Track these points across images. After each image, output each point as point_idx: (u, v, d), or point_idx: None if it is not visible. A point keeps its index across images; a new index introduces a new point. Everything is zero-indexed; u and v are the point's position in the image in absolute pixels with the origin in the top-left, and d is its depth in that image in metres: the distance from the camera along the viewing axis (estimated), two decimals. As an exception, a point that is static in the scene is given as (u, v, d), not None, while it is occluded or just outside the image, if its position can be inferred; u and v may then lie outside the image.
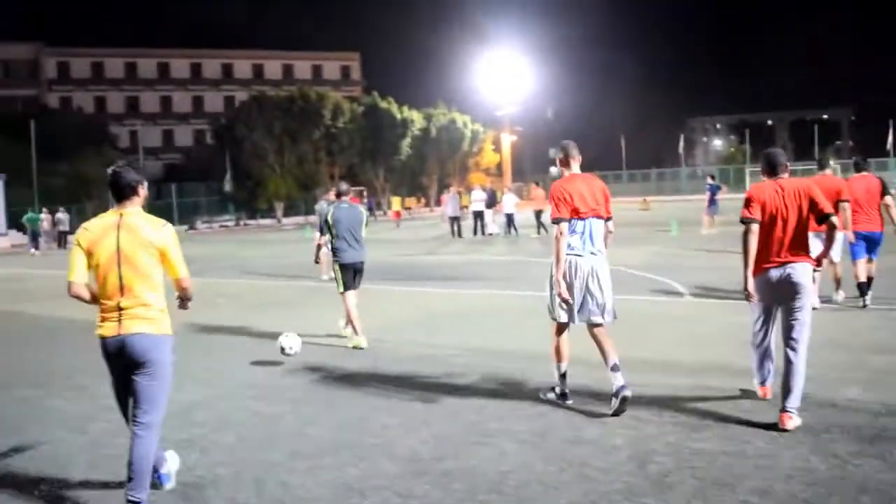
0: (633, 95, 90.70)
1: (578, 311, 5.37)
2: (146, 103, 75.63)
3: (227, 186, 52.71)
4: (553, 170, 72.90)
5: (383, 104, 59.57)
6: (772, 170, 5.19)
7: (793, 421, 4.81)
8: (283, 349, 7.23)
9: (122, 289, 3.93)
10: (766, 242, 5.02)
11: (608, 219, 5.54)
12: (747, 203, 5.10)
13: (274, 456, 4.81)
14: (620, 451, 4.56)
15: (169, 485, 4.32)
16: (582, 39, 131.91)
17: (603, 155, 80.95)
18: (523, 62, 52.49)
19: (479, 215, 26.45)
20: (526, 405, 5.60)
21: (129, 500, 3.85)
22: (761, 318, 5.26)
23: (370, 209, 51.98)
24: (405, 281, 13.97)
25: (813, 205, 4.98)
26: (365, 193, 57.67)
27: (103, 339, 4.02)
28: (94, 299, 4.08)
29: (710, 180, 24.57)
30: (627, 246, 18.58)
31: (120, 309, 3.94)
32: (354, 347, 8.00)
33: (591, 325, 5.41)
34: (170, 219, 4.04)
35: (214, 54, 78.04)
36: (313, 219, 16.11)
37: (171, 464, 4.39)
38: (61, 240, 33.36)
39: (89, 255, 3.96)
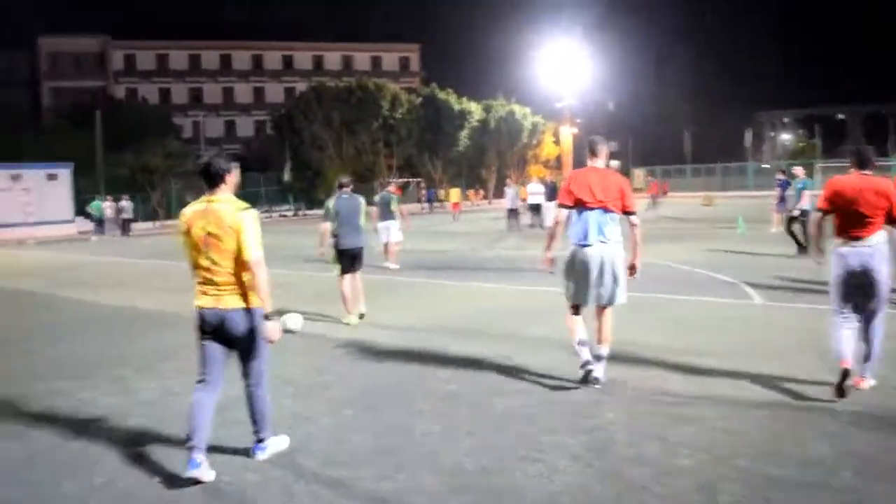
0: (699, 87, 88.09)
1: (585, 295, 5.80)
2: (209, 94, 76.85)
3: (287, 176, 53.11)
4: (613, 163, 71.64)
5: (441, 95, 59.24)
6: (860, 164, 5.57)
7: (866, 382, 5.44)
8: (284, 326, 7.70)
9: (214, 266, 4.35)
10: (842, 227, 5.44)
11: (628, 213, 5.87)
12: (823, 193, 5.62)
13: (307, 462, 4.50)
14: (686, 475, 4.08)
15: (261, 455, 4.58)
16: (645, 29, 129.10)
17: (665, 148, 79.11)
18: (584, 53, 51.38)
19: (536, 208, 25.88)
20: (581, 416, 5.16)
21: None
22: (840, 301, 5.47)
23: (429, 200, 51.83)
24: (459, 275, 13.60)
25: (887, 205, 5.33)
26: (422, 184, 57.55)
27: (201, 309, 4.40)
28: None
29: (780, 176, 23.47)
30: (691, 243, 17.88)
31: (216, 285, 4.36)
32: (346, 324, 8.80)
33: (599, 310, 5.88)
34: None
35: (275, 46, 78.75)
36: (372, 209, 15.95)
37: (277, 444, 4.66)
38: (125, 227, 33.99)
39: (188, 237, 4.42)
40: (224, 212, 4.34)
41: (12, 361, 7.75)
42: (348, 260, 8.89)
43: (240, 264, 4.34)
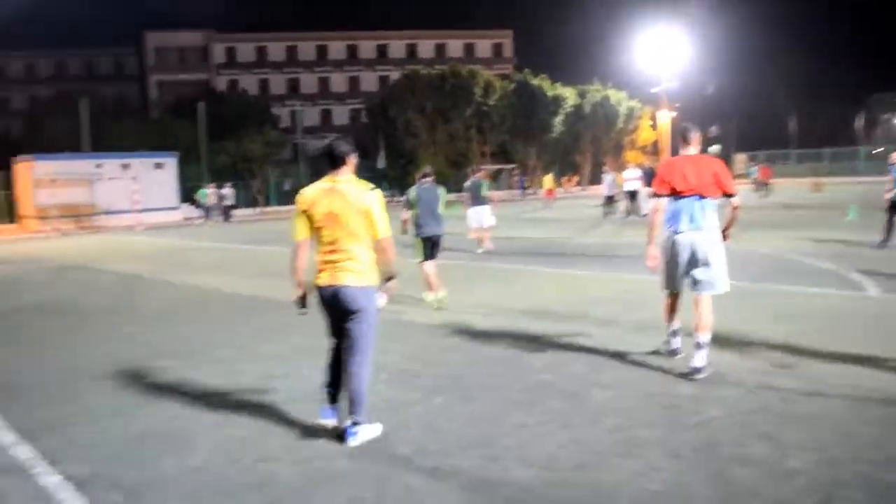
0: (806, 69, 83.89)
1: (680, 282, 5.82)
2: (306, 84, 78.57)
3: (381, 164, 53.76)
4: (712, 149, 69.14)
5: (535, 81, 58.59)
6: None
7: None
8: None
9: (334, 245, 4.51)
10: None
11: (727, 195, 5.81)
12: None
13: (400, 451, 4.45)
14: (797, 478, 3.81)
15: (353, 441, 4.54)
16: (747, 7, 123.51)
17: (769, 133, 75.83)
18: (682, 35, 49.73)
19: (632, 195, 25.27)
20: (683, 411, 4.92)
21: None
22: None
23: (521, 188, 51.48)
24: (553, 262, 13.38)
25: None
26: (515, 171, 57.18)
27: (319, 287, 4.58)
28: (298, 262, 4.64)
29: (894, 160, 22.05)
30: (798, 230, 17.04)
31: (333, 263, 4.52)
32: (438, 308, 8.98)
33: (695, 297, 5.74)
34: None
35: (370, 35, 79.77)
36: (463, 195, 16.21)
37: (370, 432, 4.62)
38: (227, 214, 35.14)
39: (308, 216, 4.55)
40: (350, 192, 4.51)
41: (119, 342, 8.05)
42: (429, 246, 9.36)
43: (359, 242, 4.51)
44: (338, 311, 4.58)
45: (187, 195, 38.55)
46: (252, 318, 9.10)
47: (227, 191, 35.93)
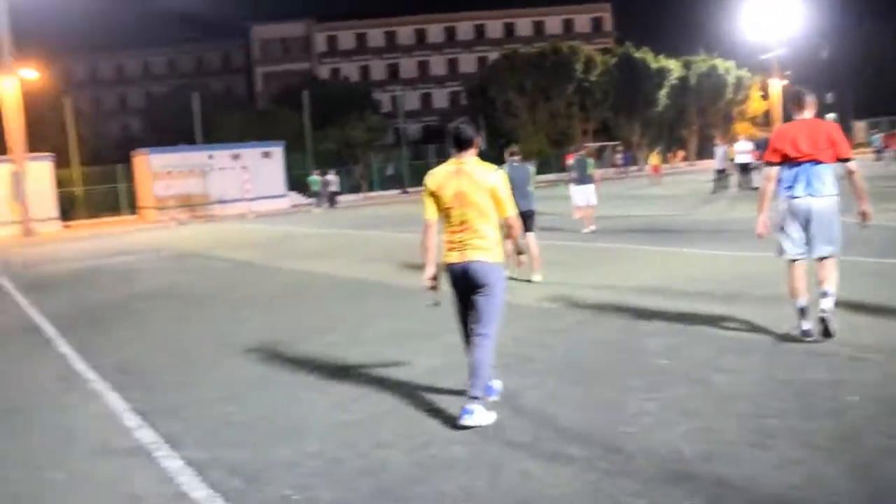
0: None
1: (799, 246, 5.69)
2: (405, 69, 79.28)
3: (482, 145, 53.69)
4: (828, 117, 65.44)
5: (637, 54, 56.94)
6: None
7: None
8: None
9: (463, 224, 4.64)
10: None
11: (843, 160, 5.64)
12: None
13: (515, 438, 4.32)
14: (959, 472, 3.46)
15: (494, 396, 4.87)
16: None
17: (887, 98, 70.97)
18: (794, -1, 47.10)
19: (744, 168, 24.20)
20: (817, 397, 4.56)
21: (470, 396, 4.54)
22: None
23: (625, 164, 50.32)
24: (663, 240, 12.91)
25: None
26: (620, 149, 55.88)
27: (450, 265, 4.71)
28: (429, 242, 4.75)
29: None
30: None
31: (462, 242, 4.65)
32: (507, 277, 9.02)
33: (818, 260, 5.68)
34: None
35: (467, 16, 79.70)
36: (566, 176, 15.85)
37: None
38: (332, 200, 35.88)
39: (436, 197, 4.68)
40: (477, 173, 4.63)
41: (232, 327, 8.26)
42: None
43: (487, 221, 4.63)
44: (467, 287, 4.68)
45: (294, 183, 39.56)
46: (359, 303, 9.17)
47: (332, 177, 36.64)
